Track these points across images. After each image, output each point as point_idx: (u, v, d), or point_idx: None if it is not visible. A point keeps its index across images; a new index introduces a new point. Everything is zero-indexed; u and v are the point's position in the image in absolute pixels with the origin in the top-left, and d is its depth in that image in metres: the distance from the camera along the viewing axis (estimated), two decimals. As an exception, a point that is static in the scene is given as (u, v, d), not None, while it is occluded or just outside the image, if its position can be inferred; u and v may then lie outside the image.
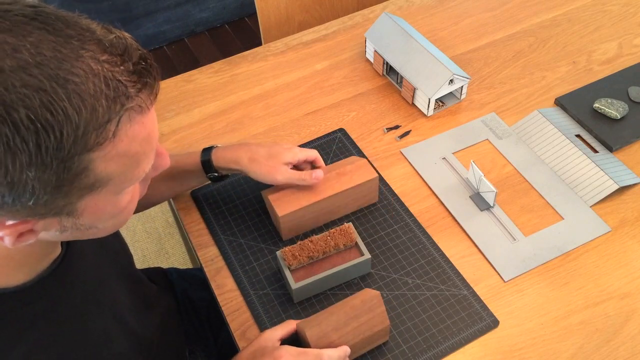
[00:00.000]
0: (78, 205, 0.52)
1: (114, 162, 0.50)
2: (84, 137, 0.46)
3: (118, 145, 0.49)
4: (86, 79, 0.46)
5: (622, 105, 1.09)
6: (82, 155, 0.47)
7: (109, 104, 0.47)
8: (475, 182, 0.99)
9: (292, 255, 0.86)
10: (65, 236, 0.57)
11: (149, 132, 0.53)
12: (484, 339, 0.84)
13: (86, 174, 0.49)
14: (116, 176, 0.52)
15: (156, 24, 2.54)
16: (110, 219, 0.57)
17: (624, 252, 0.92)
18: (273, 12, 1.52)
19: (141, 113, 0.51)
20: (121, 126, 0.49)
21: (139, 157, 0.53)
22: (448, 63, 1.09)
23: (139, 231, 1.97)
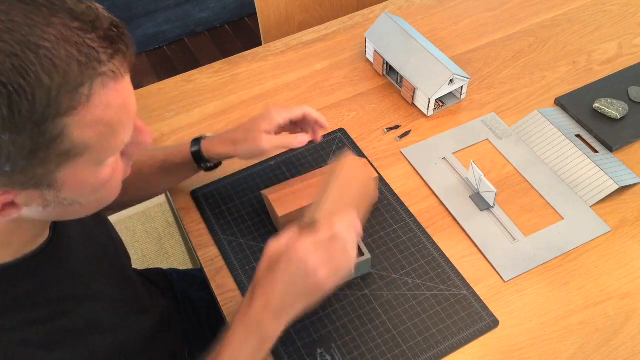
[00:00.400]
0: (58, 175, 0.53)
1: (90, 128, 0.51)
2: (57, 101, 0.47)
3: (93, 111, 0.50)
4: (57, 45, 0.47)
5: (622, 105, 1.09)
6: (56, 120, 0.48)
7: (81, 68, 0.48)
8: (475, 182, 0.99)
9: None
10: (48, 212, 0.57)
11: (125, 100, 0.53)
12: (484, 339, 0.84)
13: (62, 140, 0.50)
14: (93, 144, 0.52)
15: (156, 24, 2.54)
16: (93, 193, 0.58)
17: (624, 252, 0.92)
18: (273, 12, 1.52)
19: (115, 80, 0.51)
20: (95, 91, 0.50)
21: (116, 126, 0.54)
22: (448, 63, 1.09)
23: (139, 231, 1.97)
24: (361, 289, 0.89)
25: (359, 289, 0.89)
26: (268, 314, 0.68)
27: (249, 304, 0.69)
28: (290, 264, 0.68)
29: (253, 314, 0.68)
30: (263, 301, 0.68)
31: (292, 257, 0.68)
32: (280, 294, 0.68)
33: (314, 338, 0.84)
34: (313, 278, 0.67)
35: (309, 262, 0.67)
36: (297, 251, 0.68)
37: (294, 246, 0.68)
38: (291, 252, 0.68)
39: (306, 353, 0.83)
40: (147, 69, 2.53)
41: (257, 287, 0.69)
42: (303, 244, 0.68)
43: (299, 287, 0.68)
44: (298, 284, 0.68)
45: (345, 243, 0.69)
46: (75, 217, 0.62)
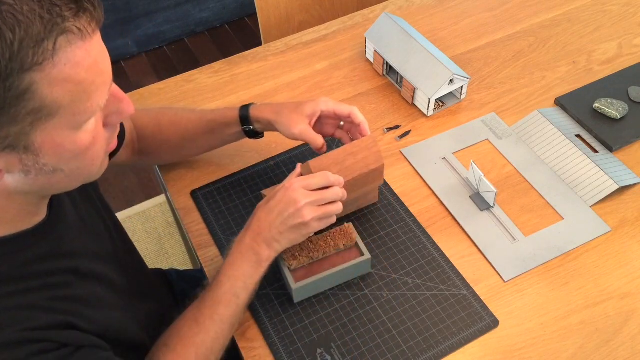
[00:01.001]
0: (33, 137, 0.54)
1: (59, 87, 0.52)
2: (20, 54, 0.48)
3: (60, 68, 0.51)
4: (20, 2, 0.48)
5: (622, 105, 1.09)
6: (21, 74, 0.49)
7: (43, 23, 0.49)
8: (475, 182, 0.99)
9: (291, 256, 0.86)
10: (31, 181, 0.58)
11: (95, 60, 0.54)
12: (484, 339, 0.84)
13: (30, 96, 0.51)
14: (66, 104, 0.53)
15: (156, 24, 2.54)
16: (73, 160, 0.58)
17: (624, 252, 0.92)
18: (273, 12, 1.52)
19: (82, 39, 0.52)
20: (60, 46, 0.51)
21: (88, 87, 0.54)
22: (448, 63, 1.09)
23: (139, 231, 1.97)
24: (361, 289, 0.89)
25: (359, 289, 0.89)
26: (260, 241, 0.79)
27: (245, 233, 0.81)
28: (283, 200, 0.79)
29: (247, 241, 0.80)
30: (256, 231, 0.80)
31: (286, 194, 0.79)
32: (271, 224, 0.79)
33: (314, 338, 0.84)
34: (299, 215, 0.79)
35: (299, 201, 0.78)
36: (291, 190, 0.79)
37: (289, 185, 0.80)
38: (286, 190, 0.80)
39: (306, 353, 0.83)
40: (147, 69, 2.53)
41: (253, 218, 0.81)
42: (297, 184, 0.79)
43: (287, 221, 0.79)
44: (287, 218, 0.79)
45: (337, 194, 0.81)
46: (61, 189, 0.63)
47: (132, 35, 2.51)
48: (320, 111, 0.90)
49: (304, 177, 0.81)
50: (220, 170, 1.05)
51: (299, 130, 0.89)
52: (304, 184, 0.80)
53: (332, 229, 0.89)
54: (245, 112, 0.94)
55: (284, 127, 0.90)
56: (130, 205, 2.05)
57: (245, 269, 0.79)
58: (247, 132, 0.96)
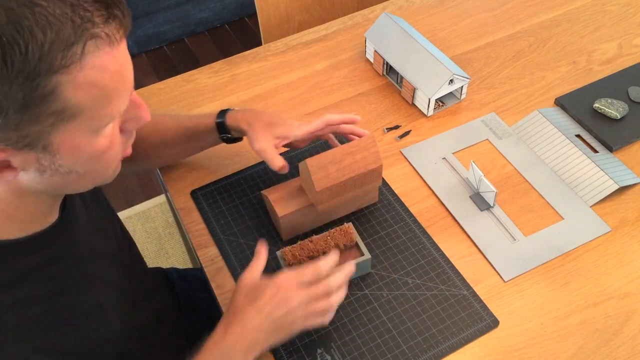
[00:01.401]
0: (52, 137, 0.54)
1: (83, 90, 0.52)
2: (50, 56, 0.49)
3: (87, 72, 0.52)
4: (53, 4, 0.49)
5: (622, 105, 1.09)
6: (48, 76, 0.49)
7: (74, 27, 0.50)
8: (475, 182, 0.99)
9: (292, 255, 0.86)
10: (45, 180, 0.58)
11: (121, 67, 0.55)
12: (484, 339, 0.84)
13: (54, 98, 0.51)
14: (87, 108, 0.53)
15: (156, 24, 2.54)
16: (89, 163, 0.59)
17: (624, 252, 0.92)
18: (273, 12, 1.52)
19: (110, 45, 0.53)
20: (88, 51, 0.51)
21: (111, 93, 0.55)
22: (448, 63, 1.09)
23: (139, 231, 1.97)
24: (361, 288, 0.89)
25: (359, 289, 0.89)
26: (240, 347, 0.70)
27: (224, 333, 0.71)
28: (274, 299, 0.71)
29: (226, 345, 0.70)
30: (238, 333, 0.71)
31: (278, 292, 0.72)
32: (257, 328, 0.71)
33: (314, 338, 0.84)
34: (291, 316, 0.72)
35: (291, 300, 0.72)
36: (283, 288, 0.72)
37: (281, 281, 0.72)
38: (277, 287, 0.72)
39: (306, 353, 0.83)
40: (147, 69, 2.53)
41: (234, 318, 0.72)
42: (289, 281, 0.72)
43: (276, 323, 0.72)
44: (276, 320, 0.71)
45: (331, 288, 0.75)
46: (74, 190, 0.63)
47: (132, 35, 2.51)
48: (294, 137, 0.90)
49: (297, 273, 0.74)
50: (220, 170, 1.05)
51: (259, 147, 0.88)
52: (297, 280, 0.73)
53: (332, 228, 0.89)
54: (221, 120, 0.93)
55: (250, 140, 0.90)
56: (130, 205, 2.05)
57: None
58: (225, 139, 0.96)
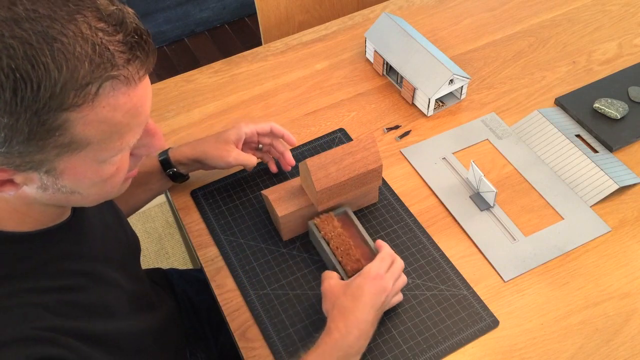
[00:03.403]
0: (57, 163, 0.53)
1: (93, 127, 0.51)
2: (61, 95, 0.48)
3: (98, 110, 0.51)
4: (74, 41, 0.48)
5: (622, 105, 1.09)
6: (58, 112, 0.49)
7: (92, 67, 0.48)
8: (475, 182, 0.99)
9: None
10: (48, 196, 0.58)
11: (136, 105, 0.54)
12: (484, 339, 0.84)
13: (62, 133, 0.50)
14: (95, 142, 0.53)
15: (156, 24, 2.54)
16: (93, 187, 0.59)
17: (624, 252, 0.92)
18: (273, 12, 1.52)
19: (127, 85, 0.52)
20: (102, 92, 0.50)
21: (122, 129, 0.54)
22: (448, 63, 1.09)
23: (139, 231, 1.97)
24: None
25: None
26: (361, 342, 0.77)
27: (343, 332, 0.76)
28: (374, 291, 0.78)
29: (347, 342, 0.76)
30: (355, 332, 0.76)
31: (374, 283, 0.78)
32: (369, 320, 0.77)
33: (314, 338, 0.84)
34: (387, 299, 0.80)
35: (388, 287, 0.79)
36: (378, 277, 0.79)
37: (374, 273, 0.79)
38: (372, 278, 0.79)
39: (306, 353, 0.82)
40: (147, 69, 2.53)
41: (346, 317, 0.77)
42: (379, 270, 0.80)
43: (379, 310, 0.79)
44: (379, 308, 0.79)
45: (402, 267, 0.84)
46: (76, 205, 0.64)
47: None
48: (244, 134, 0.94)
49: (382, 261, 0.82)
50: (220, 170, 1.05)
51: (234, 157, 0.93)
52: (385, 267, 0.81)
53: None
54: (165, 157, 0.95)
55: (217, 160, 0.93)
56: (130, 205, 2.05)
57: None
58: (171, 176, 0.97)
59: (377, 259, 0.82)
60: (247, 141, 0.98)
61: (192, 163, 0.96)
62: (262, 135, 0.98)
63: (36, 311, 0.61)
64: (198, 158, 0.94)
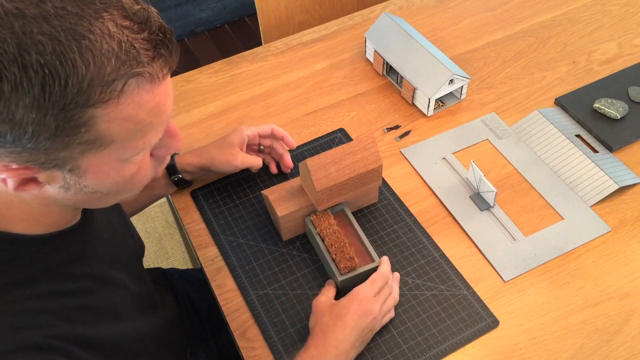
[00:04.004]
0: (80, 161, 0.54)
1: (117, 124, 0.52)
2: (88, 91, 0.48)
3: (123, 107, 0.51)
4: (101, 38, 0.48)
5: (622, 105, 1.09)
6: (84, 109, 0.49)
7: (118, 65, 0.49)
8: (475, 182, 0.99)
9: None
10: (69, 196, 0.58)
11: (159, 103, 0.54)
12: (484, 339, 0.84)
13: (87, 129, 0.51)
14: (119, 140, 0.53)
15: (156, 24, 2.54)
16: (114, 186, 0.59)
17: (624, 252, 0.92)
18: (273, 12, 1.52)
19: (151, 82, 0.52)
20: (127, 89, 0.51)
21: (145, 127, 0.55)
22: (448, 63, 1.09)
23: (139, 231, 1.97)
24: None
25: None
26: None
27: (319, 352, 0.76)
28: (358, 312, 0.78)
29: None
30: (334, 351, 0.76)
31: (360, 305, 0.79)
32: (349, 342, 0.77)
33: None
34: (373, 322, 0.80)
35: (373, 309, 0.79)
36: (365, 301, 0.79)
37: (362, 295, 0.79)
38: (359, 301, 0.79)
39: (306, 353, 0.82)
40: (147, 69, 2.53)
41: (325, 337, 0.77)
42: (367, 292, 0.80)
43: (362, 332, 0.79)
44: (362, 330, 0.79)
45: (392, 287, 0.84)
46: (96, 205, 0.64)
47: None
48: (247, 136, 0.96)
49: (372, 284, 0.81)
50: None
51: (240, 160, 0.94)
52: (374, 290, 0.81)
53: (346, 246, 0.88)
54: (171, 163, 0.95)
55: (224, 165, 0.94)
56: (130, 205, 2.05)
57: None
58: (176, 182, 0.98)
59: (368, 281, 0.82)
60: (249, 143, 0.99)
61: (198, 171, 0.97)
62: (263, 137, 0.99)
63: (46, 318, 0.61)
64: (205, 165, 0.95)
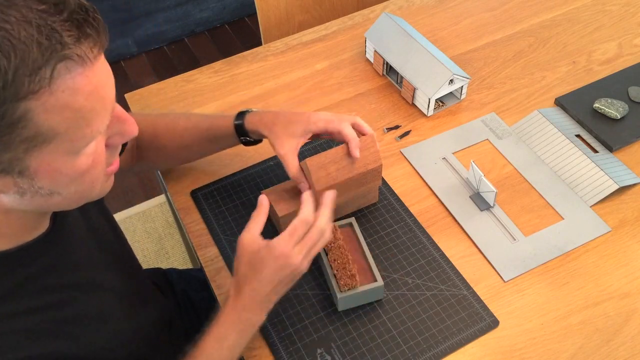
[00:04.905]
0: (28, 162, 0.52)
1: (56, 114, 0.50)
2: (15, 83, 0.46)
3: (58, 95, 0.49)
4: (18, 26, 0.46)
5: (622, 105, 1.09)
6: (15, 103, 0.47)
7: (41, 50, 0.47)
8: (475, 182, 0.99)
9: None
10: (27, 201, 0.56)
11: (97, 86, 0.52)
12: (484, 339, 0.84)
13: (24, 124, 0.49)
14: (62, 131, 0.51)
15: (156, 24, 2.54)
16: (71, 184, 0.56)
17: (624, 252, 0.92)
18: (273, 12, 1.52)
19: (83, 65, 0.50)
20: (57, 75, 0.48)
21: (88, 114, 0.52)
22: (448, 63, 1.09)
23: (139, 231, 1.97)
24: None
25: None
26: (255, 308, 0.74)
27: (235, 300, 0.75)
28: (276, 266, 0.73)
29: (238, 309, 0.74)
30: (250, 298, 0.74)
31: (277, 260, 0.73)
32: (267, 289, 0.74)
33: (314, 338, 0.84)
34: (296, 271, 0.74)
35: (293, 261, 0.73)
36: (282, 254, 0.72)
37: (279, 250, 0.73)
38: (276, 255, 0.73)
39: (306, 353, 0.83)
40: (147, 69, 2.53)
41: (240, 288, 0.74)
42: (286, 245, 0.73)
43: (283, 281, 0.75)
44: (283, 279, 0.74)
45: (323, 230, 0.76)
46: (58, 208, 0.61)
47: (132, 35, 2.51)
48: (311, 132, 0.88)
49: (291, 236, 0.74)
50: (220, 170, 1.05)
51: (283, 152, 0.86)
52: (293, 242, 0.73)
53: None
54: (240, 122, 0.91)
55: (273, 145, 0.88)
56: (130, 205, 2.05)
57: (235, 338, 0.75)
58: (244, 142, 0.94)
59: (287, 232, 0.74)
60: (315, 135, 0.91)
61: (261, 136, 0.91)
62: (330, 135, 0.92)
63: (16, 338, 0.59)
64: (265, 135, 0.89)
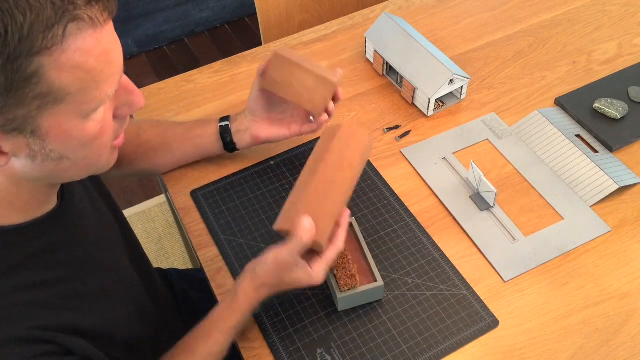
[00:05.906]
0: (40, 121, 0.54)
1: (67, 72, 0.52)
2: (30, 37, 0.49)
3: (69, 54, 0.52)
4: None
5: (622, 105, 1.09)
6: (30, 57, 0.50)
7: (55, 9, 0.50)
8: (475, 182, 0.99)
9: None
10: (37, 166, 0.58)
11: (106, 49, 0.55)
12: (484, 339, 0.84)
13: (37, 80, 0.51)
14: (73, 91, 0.54)
15: (156, 24, 2.54)
16: (80, 149, 0.59)
17: (624, 252, 0.92)
18: (273, 12, 1.52)
19: (93, 27, 0.53)
20: (69, 33, 0.51)
21: (97, 76, 0.55)
22: (448, 63, 1.09)
23: (139, 231, 1.97)
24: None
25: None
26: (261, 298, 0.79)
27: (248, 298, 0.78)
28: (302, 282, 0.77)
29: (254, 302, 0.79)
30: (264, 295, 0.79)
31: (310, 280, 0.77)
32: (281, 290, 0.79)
33: (314, 338, 0.84)
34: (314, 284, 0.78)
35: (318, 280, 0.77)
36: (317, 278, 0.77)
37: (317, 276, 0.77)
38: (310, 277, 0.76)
39: (306, 353, 0.83)
40: (147, 69, 2.53)
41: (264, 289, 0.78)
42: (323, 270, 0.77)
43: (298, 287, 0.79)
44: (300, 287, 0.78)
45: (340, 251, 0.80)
46: (69, 177, 0.63)
47: (132, 35, 2.51)
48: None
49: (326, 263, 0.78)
50: (220, 170, 1.05)
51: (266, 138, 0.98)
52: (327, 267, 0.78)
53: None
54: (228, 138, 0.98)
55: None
56: (130, 205, 2.05)
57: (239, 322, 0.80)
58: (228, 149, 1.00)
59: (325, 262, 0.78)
60: None
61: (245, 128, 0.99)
62: None
63: (30, 309, 0.61)
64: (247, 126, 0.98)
